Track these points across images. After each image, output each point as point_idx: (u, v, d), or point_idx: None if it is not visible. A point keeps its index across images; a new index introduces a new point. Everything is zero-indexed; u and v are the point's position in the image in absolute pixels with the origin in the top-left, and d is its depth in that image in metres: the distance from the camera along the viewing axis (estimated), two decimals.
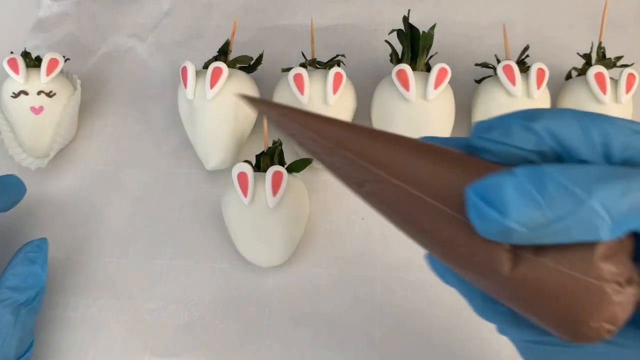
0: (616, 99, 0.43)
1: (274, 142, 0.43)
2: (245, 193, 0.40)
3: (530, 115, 0.18)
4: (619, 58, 0.45)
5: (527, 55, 0.46)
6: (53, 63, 0.47)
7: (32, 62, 0.48)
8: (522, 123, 0.18)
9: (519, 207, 0.16)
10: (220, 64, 0.44)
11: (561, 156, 0.18)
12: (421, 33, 0.45)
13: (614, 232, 0.17)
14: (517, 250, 0.18)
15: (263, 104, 0.21)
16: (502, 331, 0.22)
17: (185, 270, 0.44)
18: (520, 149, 0.18)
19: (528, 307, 0.19)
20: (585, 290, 0.18)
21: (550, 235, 0.16)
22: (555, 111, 0.19)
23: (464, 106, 0.47)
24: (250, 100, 0.20)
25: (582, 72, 0.45)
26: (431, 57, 0.46)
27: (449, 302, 0.41)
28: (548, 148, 0.18)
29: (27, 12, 0.57)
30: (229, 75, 0.44)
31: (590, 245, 0.18)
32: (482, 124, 0.19)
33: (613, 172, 0.17)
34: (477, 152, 0.19)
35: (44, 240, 0.40)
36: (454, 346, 0.41)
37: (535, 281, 0.18)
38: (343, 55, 0.47)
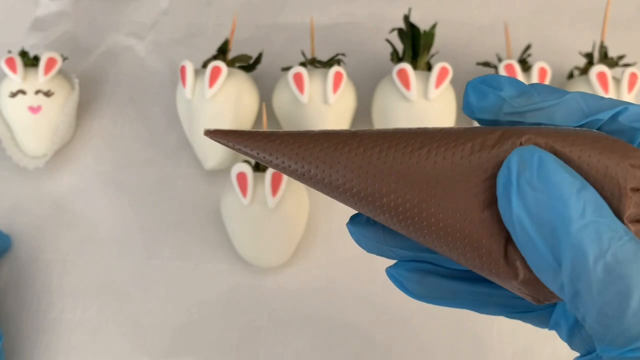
0: (618, 98, 0.43)
1: None
2: (244, 193, 0.40)
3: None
4: (621, 57, 0.45)
5: (529, 55, 0.46)
6: (51, 62, 0.46)
7: (30, 61, 0.47)
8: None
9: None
10: (219, 63, 0.44)
11: None
12: (422, 32, 0.44)
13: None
14: None
15: (232, 135, 0.20)
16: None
17: (183, 271, 0.43)
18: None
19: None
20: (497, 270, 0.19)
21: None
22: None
23: None
24: (218, 134, 0.20)
25: (584, 71, 0.45)
26: (432, 56, 0.46)
27: None
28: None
29: (25, 11, 0.56)
30: (228, 75, 0.44)
31: (502, 245, 0.18)
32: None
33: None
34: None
35: None
36: (455, 347, 0.40)
37: None
38: (343, 54, 0.47)
